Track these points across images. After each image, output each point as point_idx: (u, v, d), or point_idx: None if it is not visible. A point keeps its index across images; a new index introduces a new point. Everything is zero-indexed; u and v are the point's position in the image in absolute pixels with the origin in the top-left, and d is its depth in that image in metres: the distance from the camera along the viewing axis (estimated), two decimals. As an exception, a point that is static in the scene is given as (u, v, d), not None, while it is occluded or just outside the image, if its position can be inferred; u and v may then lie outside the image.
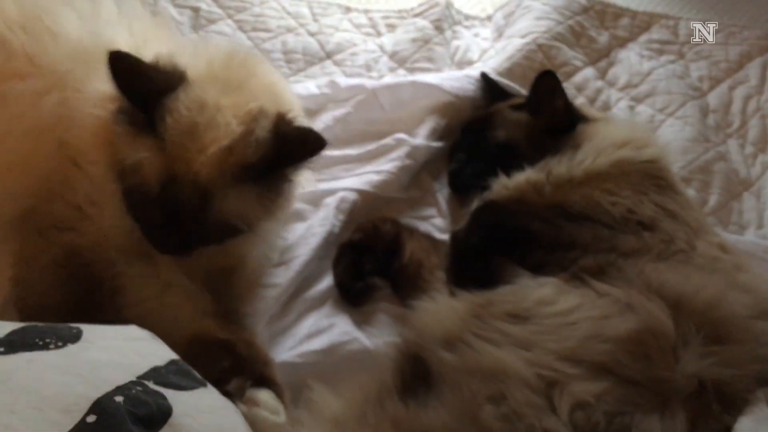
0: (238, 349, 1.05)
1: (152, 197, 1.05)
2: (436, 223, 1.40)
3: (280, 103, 1.17)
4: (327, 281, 1.26)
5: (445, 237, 1.35)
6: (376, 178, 1.40)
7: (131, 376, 0.78)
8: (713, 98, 1.78)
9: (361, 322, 1.22)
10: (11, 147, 1.12)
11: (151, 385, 0.77)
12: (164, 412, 0.73)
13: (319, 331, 1.18)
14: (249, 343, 1.09)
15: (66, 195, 1.12)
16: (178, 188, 1.04)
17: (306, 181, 1.30)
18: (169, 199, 1.04)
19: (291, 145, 1.10)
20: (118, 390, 0.74)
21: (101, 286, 1.11)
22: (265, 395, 1.00)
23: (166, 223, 1.06)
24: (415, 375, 0.96)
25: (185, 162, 1.04)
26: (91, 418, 0.69)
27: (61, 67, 1.14)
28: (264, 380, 0.97)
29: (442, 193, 1.46)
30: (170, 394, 0.77)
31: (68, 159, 1.13)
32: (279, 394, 1.01)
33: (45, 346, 0.81)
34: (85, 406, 0.70)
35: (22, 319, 0.90)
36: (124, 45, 1.14)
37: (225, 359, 1.03)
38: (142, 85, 1.05)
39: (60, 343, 0.82)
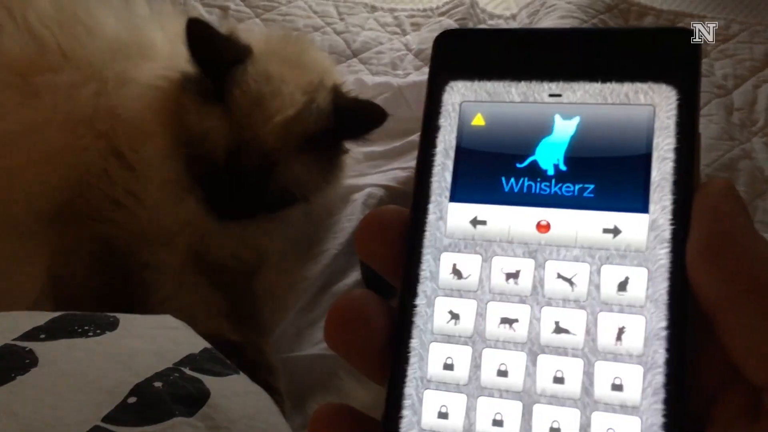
0: (246, 353, 1.06)
1: (218, 166, 1.09)
2: (461, 219, 1.41)
3: (333, 77, 1.23)
4: (354, 276, 1.27)
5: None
6: (402, 174, 1.40)
7: (168, 363, 0.79)
8: (738, 96, 1.77)
9: (388, 315, 1.22)
10: (47, 139, 1.14)
11: (187, 371, 0.79)
12: (203, 394, 0.75)
13: (346, 325, 1.19)
14: (258, 348, 1.11)
15: (103, 186, 1.15)
16: (245, 156, 1.08)
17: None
18: (236, 167, 1.09)
19: (353, 116, 1.16)
20: (157, 376, 0.76)
21: (133, 277, 1.14)
22: None
23: (231, 191, 1.10)
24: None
25: (252, 131, 1.08)
26: (132, 399, 0.71)
27: (97, 60, 1.17)
28: (267, 387, 0.98)
29: (467, 190, 1.46)
30: (206, 379, 0.78)
31: (108, 150, 1.15)
32: (279, 403, 1.01)
33: (84, 334, 0.83)
34: (126, 389, 0.72)
35: (56, 310, 0.91)
36: (161, 41, 1.17)
37: (231, 362, 1.05)
38: (215, 54, 1.09)
39: (98, 331, 0.84)
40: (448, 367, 0.33)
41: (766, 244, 0.29)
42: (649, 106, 0.33)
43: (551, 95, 0.34)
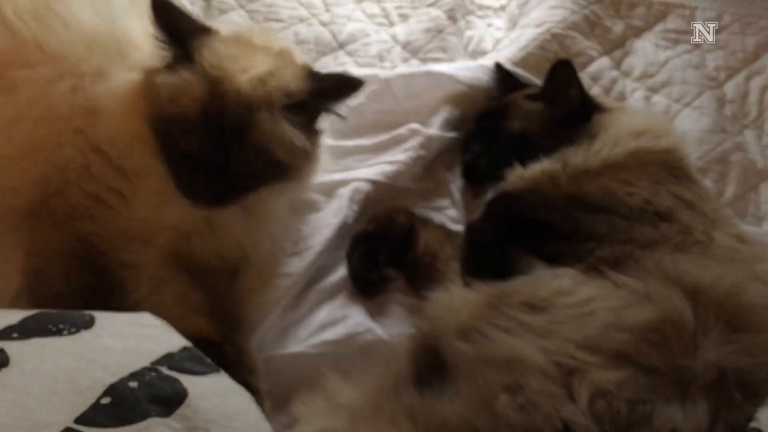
0: (227, 353, 1.05)
1: (193, 123, 1.05)
2: (449, 214, 1.39)
3: (302, 58, 1.22)
4: (341, 272, 1.26)
5: (458, 228, 1.34)
6: (389, 168, 1.39)
7: (145, 362, 0.78)
8: (730, 88, 1.77)
9: (375, 312, 1.22)
10: (22, 135, 1.13)
11: (165, 370, 0.78)
12: (179, 395, 0.74)
13: (333, 322, 1.18)
14: (238, 347, 1.10)
15: (83, 183, 1.13)
16: (221, 104, 1.05)
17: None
18: (212, 119, 1.05)
19: (329, 82, 1.15)
20: (133, 376, 0.74)
21: (111, 275, 1.12)
22: None
23: (208, 155, 1.05)
24: (429, 365, 0.96)
25: (228, 81, 1.06)
26: (105, 400, 0.70)
27: (73, 54, 1.14)
28: (247, 387, 0.94)
29: (456, 184, 1.45)
30: (184, 379, 0.77)
31: (87, 146, 1.13)
32: (259, 403, 0.96)
33: (59, 332, 0.81)
34: (100, 389, 0.71)
35: (33, 309, 0.89)
36: (140, 33, 1.15)
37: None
38: (179, 23, 1.10)
39: (73, 330, 0.82)
40: None
41: None
42: None
43: None
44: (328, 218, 1.31)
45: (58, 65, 1.14)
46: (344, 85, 1.15)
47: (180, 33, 1.10)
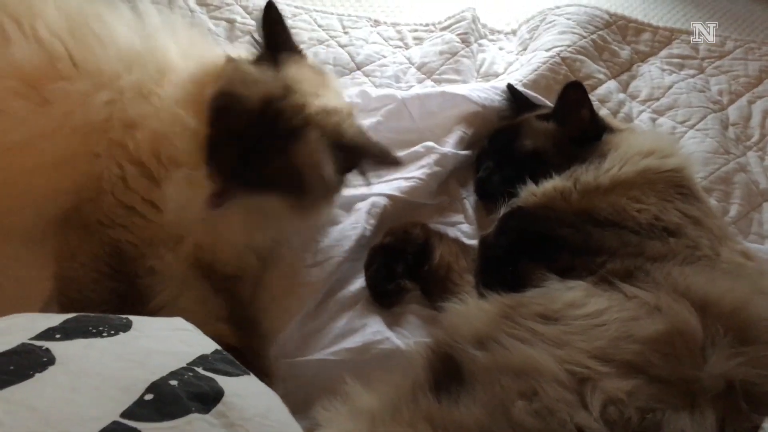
0: (245, 357, 1.06)
1: (250, 111, 1.11)
2: (463, 229, 1.43)
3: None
4: (359, 283, 1.29)
5: (472, 242, 1.37)
6: (405, 184, 1.43)
7: (182, 363, 0.81)
8: (733, 111, 1.81)
9: (392, 322, 1.24)
10: (58, 145, 1.16)
11: (200, 371, 0.80)
12: (217, 393, 0.76)
13: (351, 331, 1.21)
14: (256, 352, 1.13)
15: (118, 193, 1.17)
16: (280, 108, 1.12)
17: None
18: (269, 114, 1.11)
19: (376, 149, 1.22)
20: (172, 375, 0.77)
21: (138, 282, 1.16)
22: None
23: (251, 143, 1.10)
24: (446, 373, 0.98)
25: (296, 94, 1.14)
26: (148, 396, 0.72)
27: (110, 69, 1.19)
28: None
29: (469, 200, 1.49)
30: (219, 379, 0.80)
31: (126, 158, 1.17)
32: None
33: (99, 334, 0.84)
34: (143, 387, 0.73)
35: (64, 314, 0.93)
36: (174, 52, 1.20)
37: None
38: (280, 33, 1.22)
39: (112, 332, 0.85)
40: None
41: None
42: None
43: None
44: (347, 231, 1.35)
45: (93, 79, 1.18)
46: (385, 158, 1.24)
47: (277, 42, 1.20)
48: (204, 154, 1.11)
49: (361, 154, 1.20)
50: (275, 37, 1.19)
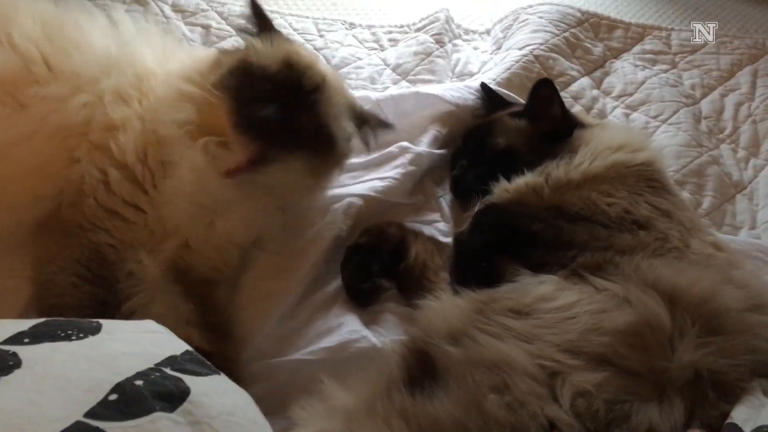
0: (215, 362, 1.05)
1: (274, 73, 1.20)
2: (439, 227, 1.44)
3: None
4: (336, 283, 1.30)
5: (448, 240, 1.38)
6: (380, 184, 1.44)
7: (149, 364, 0.81)
8: (706, 105, 1.83)
9: (369, 321, 1.25)
10: (35, 150, 1.16)
11: (168, 371, 0.81)
12: (183, 392, 0.77)
13: (328, 330, 1.21)
14: (226, 357, 1.13)
15: (99, 197, 1.17)
16: (300, 69, 1.22)
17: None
18: (291, 75, 1.20)
19: (372, 113, 1.38)
20: (138, 375, 0.77)
21: (117, 286, 1.16)
22: None
23: (281, 102, 1.17)
24: (421, 369, 0.99)
25: (308, 59, 1.26)
26: (113, 397, 0.73)
27: (87, 73, 1.19)
28: None
29: (445, 199, 1.51)
30: (187, 378, 0.80)
31: (108, 162, 1.17)
32: None
33: (67, 337, 0.84)
34: (107, 387, 0.74)
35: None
36: (150, 58, 1.21)
37: None
38: (269, 21, 1.32)
39: (81, 335, 0.85)
40: None
41: None
42: None
43: None
44: (323, 232, 1.35)
45: (70, 83, 1.18)
46: (382, 123, 1.38)
47: (268, 25, 1.29)
48: (231, 124, 1.15)
49: (363, 117, 1.32)
50: (267, 22, 1.28)
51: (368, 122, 1.33)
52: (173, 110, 1.18)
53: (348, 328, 1.22)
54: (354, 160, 1.50)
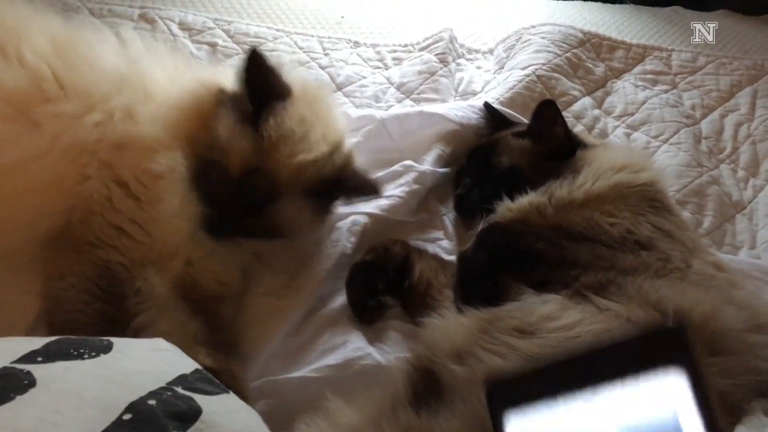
0: (220, 379, 1.06)
1: (229, 179, 1.19)
2: (443, 245, 1.45)
3: (348, 143, 1.37)
4: (340, 300, 1.30)
5: (452, 258, 1.39)
6: (385, 202, 1.45)
7: (161, 383, 0.82)
8: (706, 125, 1.85)
9: (374, 338, 1.26)
10: (48, 167, 1.17)
11: (180, 390, 0.82)
12: (195, 411, 0.78)
13: (333, 348, 1.22)
14: (233, 374, 1.13)
15: (107, 215, 1.18)
16: (257, 179, 1.19)
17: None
18: (245, 185, 1.19)
19: (358, 181, 1.31)
20: (151, 395, 0.78)
21: (126, 303, 1.16)
22: None
23: (231, 206, 1.19)
24: (426, 387, 0.99)
25: (273, 160, 1.19)
26: (127, 416, 0.73)
27: (99, 91, 1.21)
28: None
29: (449, 217, 1.52)
30: (198, 398, 0.81)
31: (112, 180, 1.18)
32: None
33: (80, 356, 0.85)
34: (122, 407, 0.74)
35: (51, 335, 0.94)
36: (160, 76, 1.22)
37: None
38: (265, 85, 1.22)
39: (93, 354, 0.86)
40: None
41: None
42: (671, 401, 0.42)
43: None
44: (328, 249, 1.36)
45: (83, 101, 1.19)
46: (368, 188, 1.34)
47: (262, 96, 1.21)
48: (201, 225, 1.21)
49: (342, 190, 1.29)
50: (259, 90, 1.21)
51: (349, 191, 1.33)
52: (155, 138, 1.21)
53: (353, 345, 1.22)
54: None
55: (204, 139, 1.20)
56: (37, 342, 0.88)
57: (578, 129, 1.73)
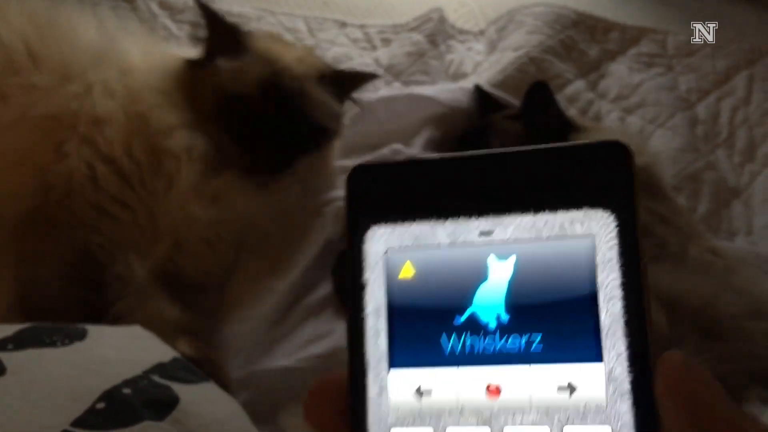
0: (202, 368, 1.02)
1: (252, 100, 1.21)
2: (432, 231, 1.42)
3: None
4: (326, 288, 1.27)
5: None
6: (372, 187, 1.41)
7: (137, 371, 0.79)
8: (701, 109, 1.83)
9: (360, 327, 1.23)
10: (17, 140, 1.12)
11: (157, 378, 0.79)
12: (172, 400, 0.75)
13: (318, 337, 1.19)
14: (214, 364, 1.10)
15: (88, 194, 1.13)
16: (277, 80, 1.22)
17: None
18: (270, 96, 1.21)
19: (352, 73, 1.45)
20: (126, 383, 0.76)
21: (105, 290, 1.13)
22: None
23: (267, 128, 1.22)
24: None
25: (279, 60, 1.25)
26: (100, 405, 0.71)
27: (76, 63, 1.17)
28: None
29: (439, 202, 1.48)
30: (176, 386, 0.78)
31: (96, 156, 1.14)
32: None
33: (53, 344, 0.82)
34: (95, 395, 0.72)
35: (27, 320, 0.90)
36: (136, 55, 1.19)
37: None
38: (226, 23, 1.31)
39: (67, 341, 0.83)
40: None
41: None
42: (588, 237, 0.30)
43: (482, 233, 0.31)
44: (313, 236, 1.33)
45: (55, 72, 1.15)
46: (362, 75, 1.44)
47: (228, 29, 1.28)
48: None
49: (342, 80, 1.34)
50: (225, 27, 1.29)
51: (350, 79, 1.39)
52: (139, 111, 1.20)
53: (338, 334, 1.18)
54: (345, 162, 1.48)
55: (203, 95, 1.22)
56: (8, 329, 0.85)
57: (572, 113, 1.69)
